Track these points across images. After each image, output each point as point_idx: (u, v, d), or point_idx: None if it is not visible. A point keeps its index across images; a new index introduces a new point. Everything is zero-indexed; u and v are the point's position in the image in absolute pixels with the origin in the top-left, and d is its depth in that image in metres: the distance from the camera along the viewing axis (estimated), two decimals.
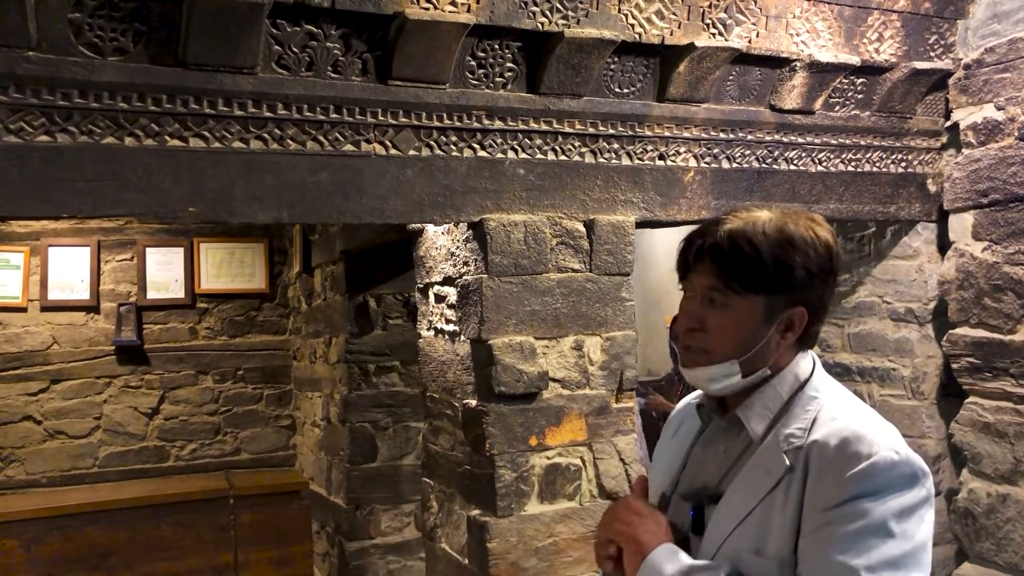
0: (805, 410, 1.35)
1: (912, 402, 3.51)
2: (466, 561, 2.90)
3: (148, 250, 5.46)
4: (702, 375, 1.40)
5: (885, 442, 1.26)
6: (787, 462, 1.30)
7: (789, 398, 1.38)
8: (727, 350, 1.36)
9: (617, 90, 2.86)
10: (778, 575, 1.26)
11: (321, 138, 2.51)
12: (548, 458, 2.81)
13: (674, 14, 2.77)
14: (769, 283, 1.33)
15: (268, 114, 2.43)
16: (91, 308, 5.33)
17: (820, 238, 1.35)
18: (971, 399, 3.31)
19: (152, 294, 5.45)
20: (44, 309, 5.23)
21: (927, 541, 1.25)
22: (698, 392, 1.58)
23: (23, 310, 5.19)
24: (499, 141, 2.74)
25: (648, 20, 2.74)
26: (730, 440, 1.43)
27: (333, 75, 2.48)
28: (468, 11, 2.47)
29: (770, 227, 1.34)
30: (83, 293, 5.30)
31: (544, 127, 2.78)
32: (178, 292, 5.52)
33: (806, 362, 1.42)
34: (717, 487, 1.39)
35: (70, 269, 5.29)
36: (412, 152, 2.63)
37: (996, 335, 3.18)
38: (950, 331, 3.37)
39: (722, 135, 3.07)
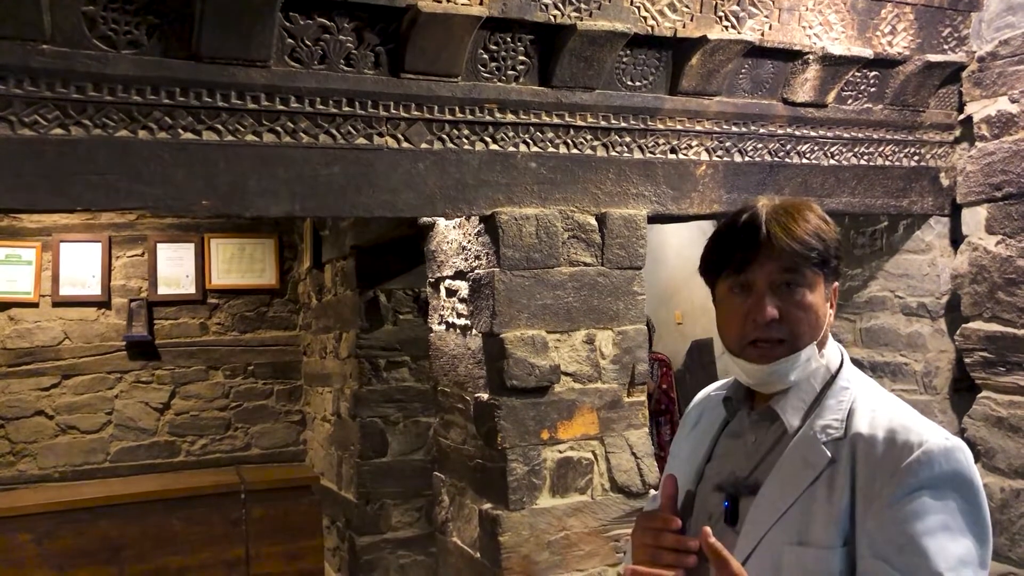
0: (839, 401, 1.35)
1: (924, 397, 3.49)
2: (478, 555, 2.90)
3: (159, 246, 5.49)
4: (784, 368, 1.34)
5: (933, 430, 1.26)
6: (828, 454, 1.29)
7: (821, 389, 1.37)
8: (809, 332, 1.34)
9: (629, 83, 2.85)
10: (824, 565, 1.25)
11: (334, 131, 2.51)
12: (560, 452, 2.80)
13: (687, 7, 2.76)
14: (829, 261, 1.35)
15: (281, 107, 2.43)
16: (102, 303, 5.36)
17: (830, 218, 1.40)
18: (984, 394, 3.29)
19: (163, 290, 5.47)
20: (56, 304, 5.25)
21: (989, 527, 1.24)
22: (720, 383, 1.57)
23: (35, 305, 5.22)
24: (511, 134, 2.73)
25: (660, 13, 2.73)
26: (760, 432, 1.41)
27: (346, 68, 2.48)
28: (480, 3, 2.47)
29: (806, 208, 1.37)
30: (94, 288, 5.32)
31: (556, 120, 2.78)
32: (189, 288, 5.55)
33: (834, 353, 1.41)
34: (748, 478, 1.37)
35: (81, 265, 5.31)
36: (424, 145, 2.62)
37: (1010, 329, 3.16)
38: (963, 325, 3.35)
39: (734, 128, 3.06)
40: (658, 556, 1.28)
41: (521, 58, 2.68)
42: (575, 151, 2.84)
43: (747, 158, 3.11)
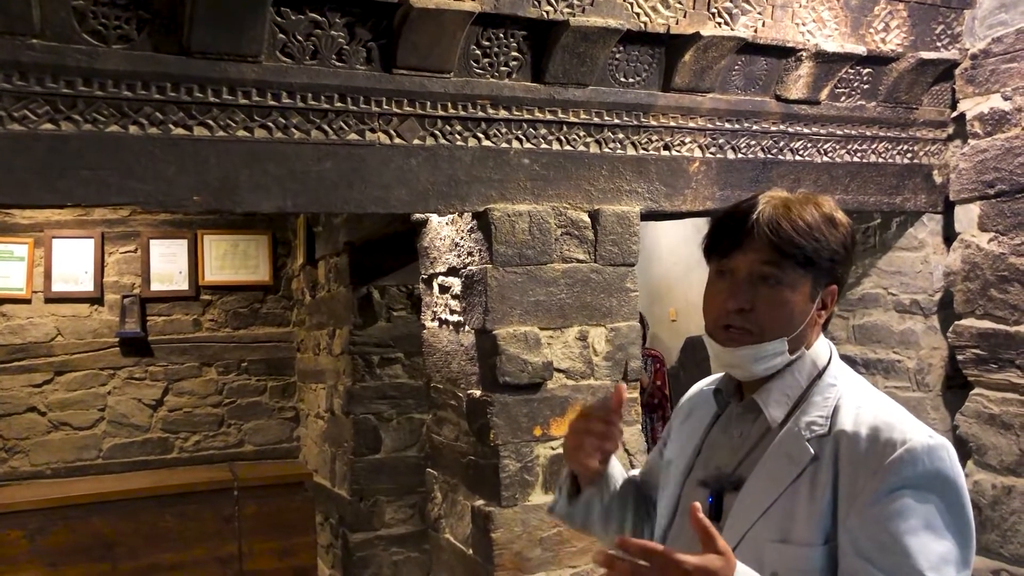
0: (824, 398, 1.34)
1: (917, 394, 3.50)
2: (470, 551, 2.90)
3: (152, 242, 5.46)
4: (748, 354, 1.35)
5: (917, 428, 1.26)
6: (811, 451, 1.29)
7: (808, 386, 1.37)
8: (778, 329, 1.34)
9: (622, 79, 2.84)
10: (805, 563, 1.25)
11: (325, 127, 2.50)
12: (553, 448, 2.80)
13: (680, 3, 2.75)
14: (820, 260, 1.33)
15: (272, 103, 2.42)
16: (95, 300, 5.34)
17: (845, 219, 1.38)
18: (976, 391, 3.30)
19: (156, 286, 5.45)
20: (48, 301, 5.23)
21: (972, 525, 1.24)
22: (712, 378, 1.57)
23: (27, 302, 5.19)
24: (504, 131, 2.73)
25: (653, 9, 2.73)
26: (745, 426, 1.42)
27: (337, 63, 2.47)
28: None
29: (812, 206, 1.36)
30: (87, 285, 5.30)
31: (549, 117, 2.77)
32: (182, 284, 5.52)
33: (823, 349, 1.41)
34: (733, 473, 1.38)
35: (74, 261, 5.29)
36: (417, 141, 2.62)
37: (1002, 326, 3.17)
38: (955, 322, 3.35)
39: (727, 125, 3.05)
40: (584, 438, 1.48)
41: (514, 54, 2.67)
42: (568, 148, 2.83)
43: (740, 155, 3.11)
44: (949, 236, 3.45)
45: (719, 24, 2.82)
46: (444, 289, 3.08)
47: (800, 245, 1.32)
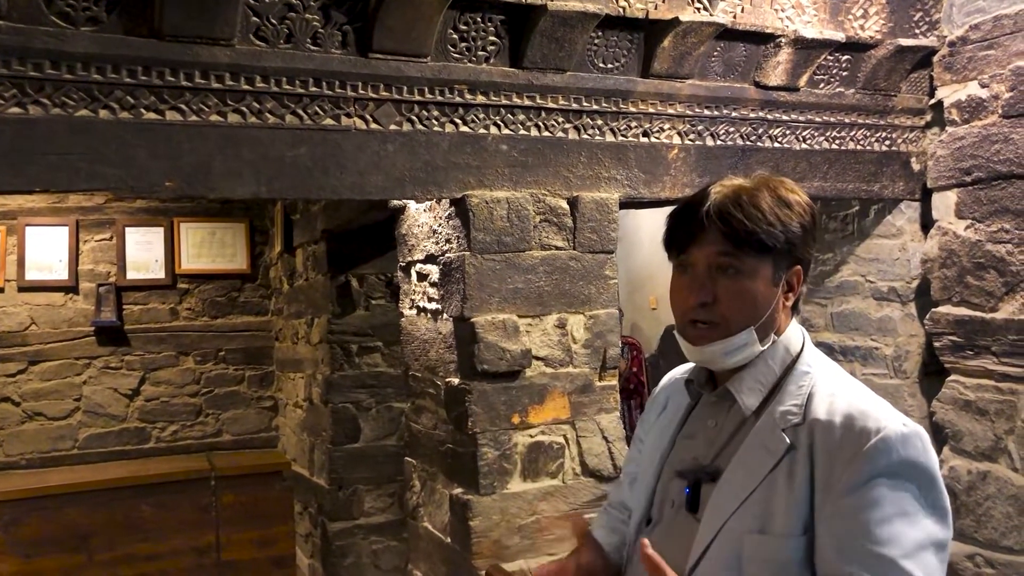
0: (799, 386, 1.34)
1: (894, 381, 3.52)
2: (448, 540, 2.89)
3: (128, 230, 5.39)
4: (718, 350, 1.35)
5: (891, 415, 1.26)
6: (787, 440, 1.29)
7: (782, 374, 1.36)
8: (744, 318, 1.34)
9: (601, 65, 2.82)
10: (784, 554, 1.25)
11: (300, 112, 2.46)
12: (531, 436, 2.79)
13: None
14: (776, 243, 1.32)
15: (246, 87, 2.38)
16: (70, 288, 5.26)
17: (803, 198, 1.38)
18: (953, 377, 3.32)
19: (132, 274, 5.39)
20: (21, 289, 5.15)
21: (948, 510, 1.24)
22: (685, 367, 1.56)
23: (0, 291, 5.12)
24: (481, 116, 2.70)
25: None
26: (720, 415, 1.41)
27: (312, 47, 2.44)
28: None
29: (764, 190, 1.35)
30: (61, 273, 5.23)
31: (527, 102, 2.75)
32: (158, 272, 5.46)
33: (796, 335, 1.40)
34: (711, 464, 1.37)
35: (48, 249, 5.21)
36: (393, 127, 2.59)
37: (978, 313, 3.18)
38: (932, 310, 3.37)
39: (707, 112, 3.04)
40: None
41: (491, 39, 2.64)
42: (547, 134, 2.81)
43: (719, 142, 3.10)
44: (927, 223, 3.46)
45: (698, 9, 2.80)
46: (422, 277, 3.06)
47: (753, 232, 1.32)
